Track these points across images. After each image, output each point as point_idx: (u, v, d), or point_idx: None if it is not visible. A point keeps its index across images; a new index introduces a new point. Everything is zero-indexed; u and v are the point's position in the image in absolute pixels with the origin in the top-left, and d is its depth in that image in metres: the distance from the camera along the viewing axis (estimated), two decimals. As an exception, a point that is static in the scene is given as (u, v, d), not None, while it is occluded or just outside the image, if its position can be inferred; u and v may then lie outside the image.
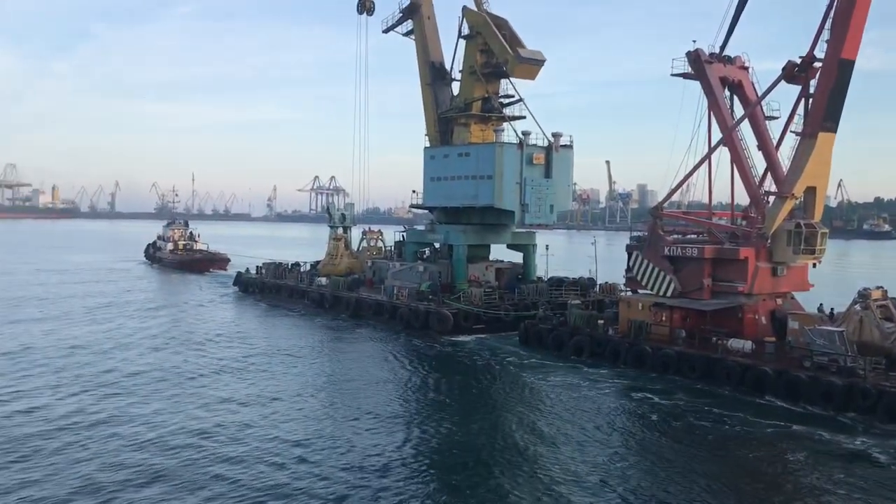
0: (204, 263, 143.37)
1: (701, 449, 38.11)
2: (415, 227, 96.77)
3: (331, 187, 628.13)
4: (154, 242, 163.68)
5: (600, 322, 62.29)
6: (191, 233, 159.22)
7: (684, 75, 61.58)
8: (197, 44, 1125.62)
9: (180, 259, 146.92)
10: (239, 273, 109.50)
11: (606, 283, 79.18)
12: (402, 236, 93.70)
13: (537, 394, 49.28)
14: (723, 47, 60.99)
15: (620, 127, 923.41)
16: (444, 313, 69.44)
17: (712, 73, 60.11)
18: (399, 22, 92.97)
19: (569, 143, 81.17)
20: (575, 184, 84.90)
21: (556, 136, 79.95)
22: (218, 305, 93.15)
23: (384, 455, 35.94)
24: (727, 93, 61.86)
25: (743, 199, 62.71)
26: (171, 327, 74.12)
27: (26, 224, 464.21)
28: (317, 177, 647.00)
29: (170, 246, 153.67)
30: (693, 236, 64.87)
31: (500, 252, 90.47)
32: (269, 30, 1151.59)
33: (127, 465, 33.74)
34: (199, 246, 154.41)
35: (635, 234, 68.07)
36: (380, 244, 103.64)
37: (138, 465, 33.88)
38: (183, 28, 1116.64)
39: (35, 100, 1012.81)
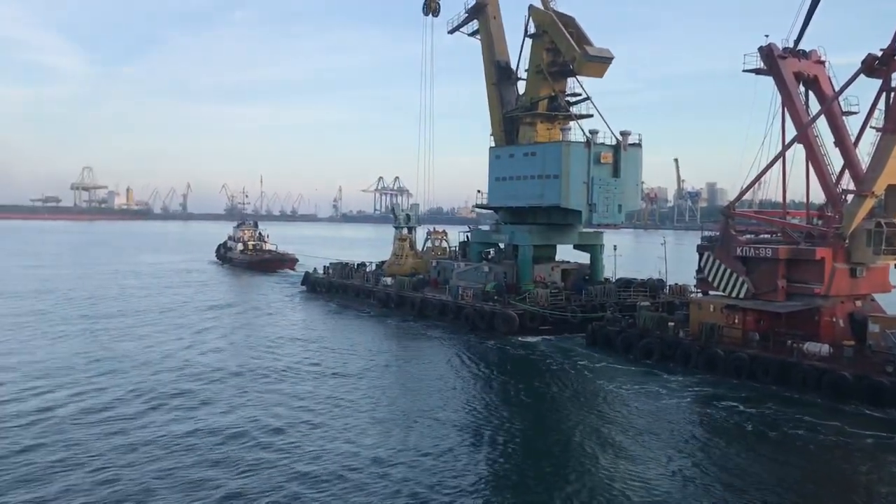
0: (273, 263, 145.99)
1: (795, 460, 36.18)
2: (479, 227, 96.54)
3: (394, 188, 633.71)
4: (224, 243, 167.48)
5: (670, 324, 61.08)
6: (260, 233, 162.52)
7: (756, 71, 60.01)
8: (260, 47, 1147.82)
9: (250, 259, 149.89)
10: (307, 273, 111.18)
11: (676, 284, 77.67)
12: (467, 236, 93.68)
13: (608, 398, 48.49)
14: (797, 41, 59.14)
15: (688, 124, 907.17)
16: (509, 314, 69.09)
17: (786, 68, 58.39)
18: (464, 22, 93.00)
19: (637, 142, 79.93)
20: (642, 182, 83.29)
21: (625, 134, 78.82)
22: (287, 305, 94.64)
23: (454, 457, 35.85)
24: (802, 88, 60.03)
25: (818, 197, 60.73)
26: (244, 326, 75.78)
27: (102, 225, 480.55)
28: (381, 177, 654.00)
29: (240, 246, 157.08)
30: (767, 236, 63.12)
31: (567, 253, 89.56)
32: (331, 32, 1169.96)
33: (204, 464, 34.46)
34: (267, 246, 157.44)
35: (706, 233, 66.53)
36: (444, 244, 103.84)
37: (216, 463, 34.56)
38: (246, 32, 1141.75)
39: (108, 104, 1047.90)
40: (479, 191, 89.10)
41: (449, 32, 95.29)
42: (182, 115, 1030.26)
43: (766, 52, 58.55)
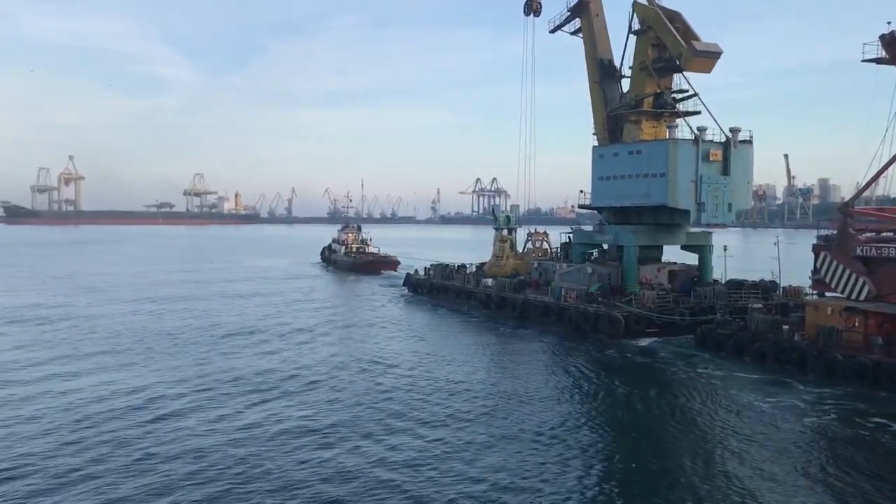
0: (376, 265, 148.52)
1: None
2: (581, 227, 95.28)
3: (492, 189, 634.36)
4: (329, 245, 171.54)
5: (785, 327, 58.61)
6: (363, 237, 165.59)
7: (877, 60, 56.82)
8: (359, 52, 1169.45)
9: (354, 261, 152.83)
10: (408, 274, 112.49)
11: (790, 285, 74.47)
12: (569, 237, 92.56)
13: (722, 403, 46.78)
14: (923, 27, 55.66)
15: (798, 118, 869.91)
16: (615, 316, 67.83)
17: (911, 56, 55.06)
18: (566, 21, 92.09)
19: (748, 139, 77.12)
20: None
21: (734, 131, 76.18)
22: (391, 306, 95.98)
23: (563, 466, 35.42)
24: (929, 78, 56.42)
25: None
26: (352, 327, 77.34)
27: (213, 229, 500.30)
28: (478, 179, 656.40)
29: (344, 249, 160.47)
30: (890, 234, 59.68)
31: (673, 253, 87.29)
32: (425, 35, 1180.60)
33: (310, 465, 35.24)
34: (370, 249, 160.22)
35: (822, 232, 63.45)
36: (545, 245, 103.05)
37: (324, 464, 35.32)
38: (345, 38, 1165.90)
39: (215, 112, 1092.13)
40: (581, 191, 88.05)
41: (550, 32, 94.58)
42: (285, 121, 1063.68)
43: (889, 40, 55.36)
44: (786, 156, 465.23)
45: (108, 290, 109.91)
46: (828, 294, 58.65)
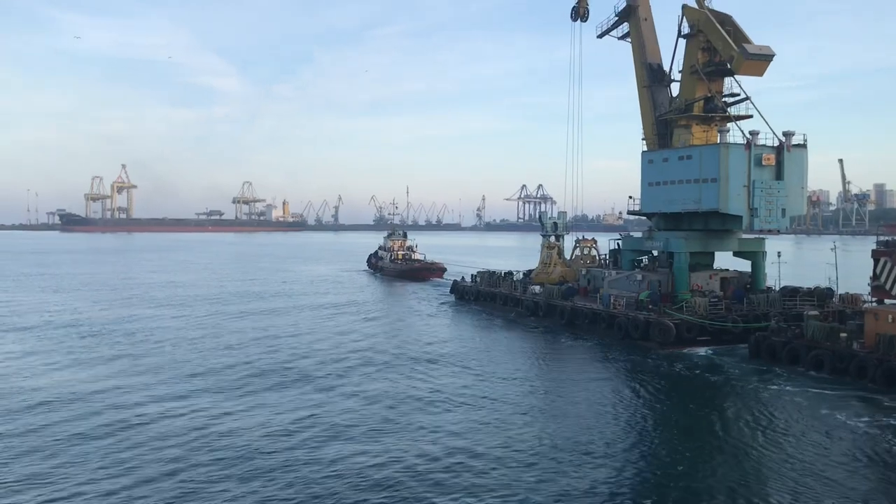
0: (422, 272, 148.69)
1: None
2: (630, 234, 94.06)
3: (538, 196, 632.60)
4: (375, 252, 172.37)
5: (842, 335, 56.94)
6: (409, 243, 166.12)
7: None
8: (405, 61, 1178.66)
9: (400, 268, 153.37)
10: (455, 281, 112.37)
11: (847, 292, 72.42)
12: (618, 244, 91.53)
13: (779, 413, 45.46)
14: None
15: (852, 123, 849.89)
16: (666, 324, 66.68)
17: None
18: (614, 25, 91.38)
19: (802, 143, 75.36)
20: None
21: (788, 134, 74.50)
22: (438, 312, 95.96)
23: (614, 477, 34.87)
24: None
25: None
26: (401, 333, 77.51)
27: (261, 237, 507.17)
28: (524, 186, 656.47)
29: (390, 256, 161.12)
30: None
31: (725, 260, 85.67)
32: (469, 43, 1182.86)
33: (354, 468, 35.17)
34: (416, 256, 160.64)
35: (881, 238, 61.56)
36: (593, 252, 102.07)
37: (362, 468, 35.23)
38: (390, 47, 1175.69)
39: (264, 121, 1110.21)
40: (630, 197, 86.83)
41: (598, 37, 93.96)
42: (332, 129, 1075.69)
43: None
44: (840, 161, 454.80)
45: (181, 300, 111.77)
46: (888, 301, 56.87)
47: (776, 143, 74.63)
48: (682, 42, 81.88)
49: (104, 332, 74.55)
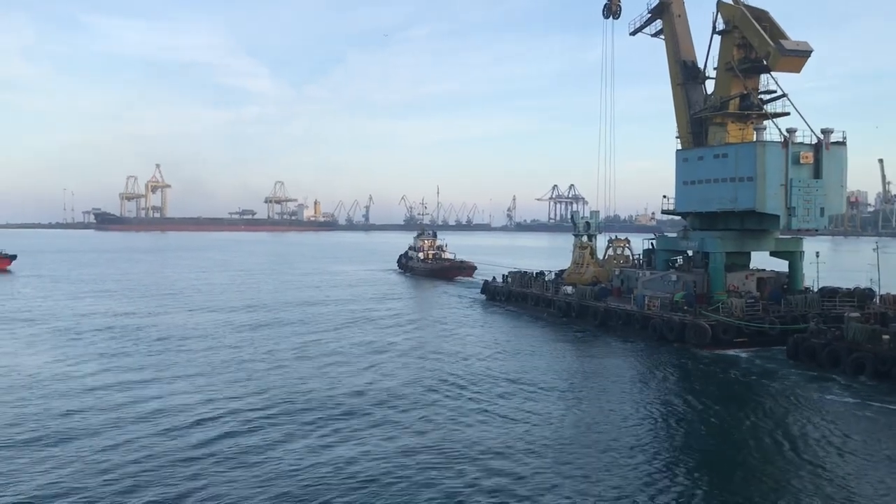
0: (452, 272, 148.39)
1: None
2: (665, 233, 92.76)
3: (570, 196, 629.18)
4: (406, 252, 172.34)
5: (885, 337, 55.44)
6: (439, 243, 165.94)
7: None
8: (436, 61, 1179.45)
9: (430, 268, 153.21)
10: (486, 281, 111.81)
11: (888, 293, 70.60)
12: (652, 244, 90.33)
13: (822, 419, 44.23)
14: None
15: (891, 122, 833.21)
16: (701, 325, 65.50)
17: None
18: (647, 23, 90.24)
19: (841, 140, 73.70)
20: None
21: (826, 132, 72.88)
22: (470, 312, 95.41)
23: (649, 483, 34.10)
24: None
25: None
26: (431, 331, 77.43)
27: (293, 236, 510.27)
28: (555, 186, 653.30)
29: (420, 255, 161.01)
30: None
31: (762, 260, 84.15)
32: (500, 44, 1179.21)
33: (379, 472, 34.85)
34: (446, 255, 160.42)
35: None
36: (626, 252, 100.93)
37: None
38: (422, 48, 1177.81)
39: (296, 122, 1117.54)
40: (665, 196, 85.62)
41: (631, 34, 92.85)
42: (363, 130, 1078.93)
43: None
44: (881, 161, 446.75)
45: (227, 305, 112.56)
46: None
47: (814, 141, 73.09)
48: (717, 38, 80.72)
49: (161, 338, 74.79)
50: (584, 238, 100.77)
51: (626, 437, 40.02)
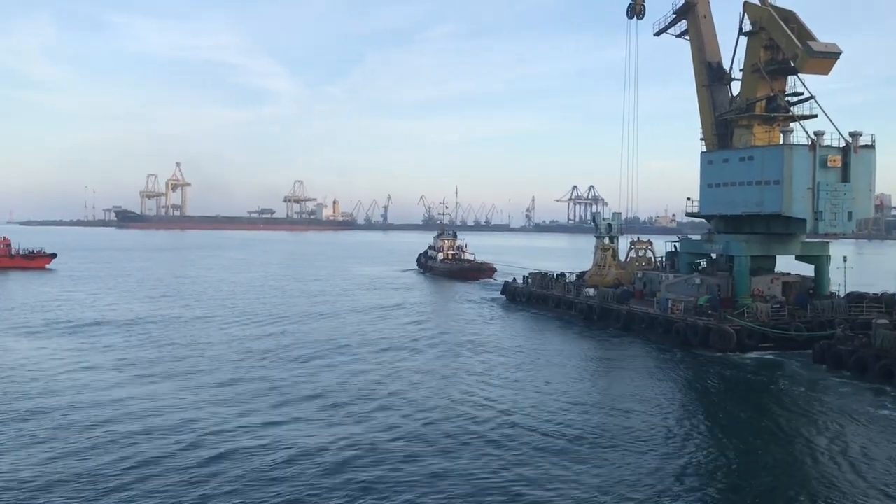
0: (472, 272, 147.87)
1: None
2: (688, 236, 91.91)
3: (589, 197, 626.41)
4: (425, 252, 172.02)
5: (915, 345, 54.56)
6: (458, 243, 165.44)
7: None
8: (455, 61, 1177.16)
9: (450, 268, 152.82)
10: (506, 282, 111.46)
11: (917, 300, 69.52)
12: (675, 246, 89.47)
13: (851, 427, 43.33)
14: None
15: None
16: (726, 330, 64.72)
17: None
18: (672, 23, 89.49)
19: (870, 143, 72.62)
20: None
21: (855, 135, 71.85)
22: (491, 314, 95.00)
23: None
24: None
25: None
26: (452, 331, 77.32)
27: (312, 235, 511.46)
28: (575, 186, 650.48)
29: (440, 256, 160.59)
30: None
31: (787, 264, 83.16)
32: (519, 44, 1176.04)
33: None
34: (466, 256, 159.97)
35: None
36: (649, 255, 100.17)
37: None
38: (440, 48, 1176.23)
39: (315, 121, 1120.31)
40: (689, 198, 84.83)
41: (655, 34, 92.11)
42: (382, 129, 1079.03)
43: None
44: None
45: (252, 307, 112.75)
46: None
47: (842, 144, 72.06)
48: (744, 40, 79.68)
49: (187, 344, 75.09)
50: (606, 240, 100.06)
51: (653, 441, 39.54)
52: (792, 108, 77.04)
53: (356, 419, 43.11)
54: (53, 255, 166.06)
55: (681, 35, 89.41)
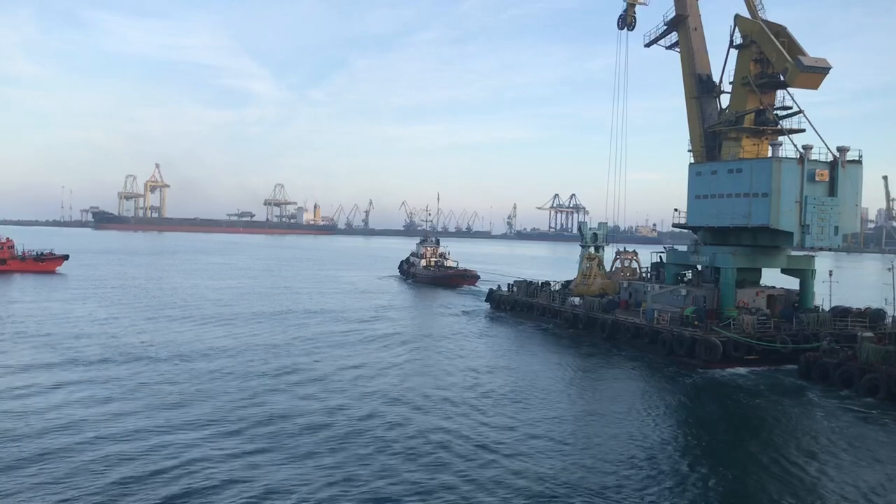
0: (456, 279, 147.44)
1: None
2: (674, 247, 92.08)
3: (570, 205, 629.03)
4: (407, 259, 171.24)
5: (900, 359, 54.82)
6: (441, 250, 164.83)
7: None
8: (440, 68, 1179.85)
9: (433, 275, 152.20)
10: (491, 290, 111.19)
11: (899, 314, 69.86)
12: (661, 257, 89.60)
13: (835, 440, 43.58)
14: None
15: (893, 138, 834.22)
16: (712, 341, 64.73)
17: None
18: (663, 35, 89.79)
19: (857, 159, 73.13)
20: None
21: (842, 150, 72.36)
22: (475, 322, 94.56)
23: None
24: None
25: None
26: (440, 343, 76.52)
27: (292, 239, 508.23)
28: (556, 195, 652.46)
29: (423, 262, 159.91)
30: None
31: (771, 277, 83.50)
32: (503, 52, 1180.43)
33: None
34: (449, 263, 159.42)
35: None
36: (634, 265, 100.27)
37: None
38: (424, 54, 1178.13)
39: (296, 125, 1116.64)
40: (676, 209, 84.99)
41: (646, 46, 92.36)
42: (364, 134, 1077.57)
43: None
44: (885, 177, 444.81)
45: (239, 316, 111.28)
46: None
47: (830, 159, 72.54)
48: (734, 52, 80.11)
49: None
50: (592, 249, 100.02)
51: (635, 455, 39.38)
52: (780, 122, 77.49)
53: (329, 448, 40.70)
54: (66, 257, 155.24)
55: (671, 47, 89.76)
